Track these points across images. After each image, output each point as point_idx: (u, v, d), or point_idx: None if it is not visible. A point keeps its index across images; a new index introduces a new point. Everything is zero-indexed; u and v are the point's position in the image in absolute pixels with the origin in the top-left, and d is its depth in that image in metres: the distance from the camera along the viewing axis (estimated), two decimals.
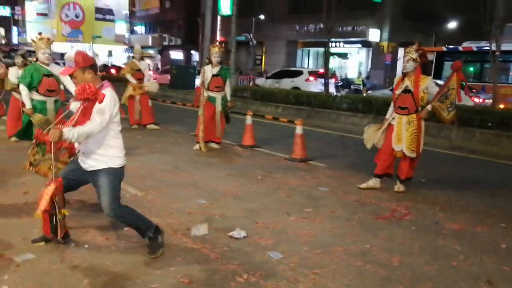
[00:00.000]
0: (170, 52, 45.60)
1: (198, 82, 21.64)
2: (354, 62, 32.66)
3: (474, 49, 17.38)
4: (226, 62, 16.47)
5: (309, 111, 13.58)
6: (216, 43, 8.74)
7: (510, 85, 16.47)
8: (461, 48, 18.04)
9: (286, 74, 22.27)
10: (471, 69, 18.36)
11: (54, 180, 3.45)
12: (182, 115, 13.73)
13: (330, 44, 19.17)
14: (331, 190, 5.82)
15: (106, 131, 3.40)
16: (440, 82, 10.94)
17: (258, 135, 8.93)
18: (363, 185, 5.93)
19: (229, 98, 8.37)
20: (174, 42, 45.46)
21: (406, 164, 5.76)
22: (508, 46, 14.09)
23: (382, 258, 3.79)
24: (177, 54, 45.43)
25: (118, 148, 3.51)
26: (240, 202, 5.17)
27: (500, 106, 12.88)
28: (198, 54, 37.33)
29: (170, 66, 27.87)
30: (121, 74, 11.70)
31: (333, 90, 20.92)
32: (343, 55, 32.98)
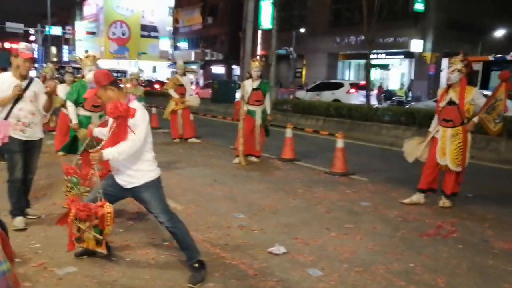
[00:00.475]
0: (212, 66, 46.32)
1: (238, 96, 21.78)
2: (396, 74, 32.01)
3: None
4: (267, 75, 16.52)
5: (350, 124, 13.39)
6: (256, 57, 8.79)
7: None
8: (509, 57, 17.30)
9: (327, 86, 22.13)
10: None
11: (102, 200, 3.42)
12: (222, 129, 13.83)
13: (372, 55, 18.92)
14: (373, 205, 5.66)
15: (143, 145, 3.40)
16: (487, 92, 10.51)
17: (297, 148, 8.85)
18: (407, 200, 5.74)
19: (269, 112, 8.36)
20: (216, 57, 46.13)
21: (451, 178, 5.53)
22: None
23: (426, 278, 3.63)
24: (218, 69, 46.06)
25: (151, 161, 3.50)
26: (279, 216, 5.11)
27: None
28: (239, 68, 37.74)
29: (212, 80, 28.30)
30: (164, 89, 11.95)
31: (374, 102, 20.58)
32: (385, 67, 32.42)
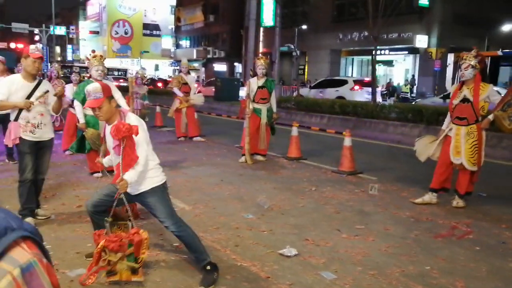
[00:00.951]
0: (214, 64, 46.25)
1: (242, 94, 21.68)
2: (400, 70, 31.85)
3: None
4: (270, 73, 16.42)
5: (355, 121, 13.27)
6: (261, 55, 8.70)
7: None
8: None
9: (330, 83, 21.97)
10: None
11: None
12: (227, 127, 13.75)
13: (375, 52, 18.76)
14: (383, 205, 5.55)
15: None
16: (495, 89, 10.37)
17: (303, 147, 8.75)
18: (418, 200, 5.62)
19: (274, 110, 8.28)
20: (218, 55, 46.11)
21: (465, 177, 5.39)
22: None
23: (444, 282, 3.52)
24: (220, 67, 45.98)
25: (155, 168, 3.50)
26: (288, 217, 5.02)
27: None
28: (241, 66, 37.65)
29: (215, 78, 28.20)
30: (168, 88, 11.89)
31: (379, 99, 20.44)
32: (389, 63, 32.24)
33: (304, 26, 31.99)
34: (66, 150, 8.50)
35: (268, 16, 29.61)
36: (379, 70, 31.11)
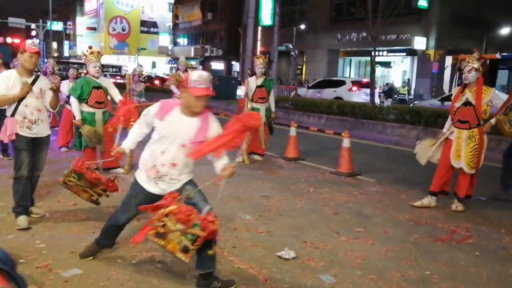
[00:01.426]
0: (212, 62, 46.17)
1: (240, 92, 21.59)
2: (397, 71, 31.87)
3: None
4: (268, 72, 16.35)
5: (353, 122, 13.23)
6: (259, 54, 8.64)
7: None
8: None
9: (328, 84, 21.94)
10: None
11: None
12: (225, 126, 13.65)
13: (373, 53, 18.72)
14: (382, 208, 5.50)
15: None
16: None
17: (301, 147, 8.69)
18: (417, 203, 5.57)
19: (273, 109, 8.23)
20: (215, 53, 46.01)
21: (465, 181, 5.35)
22: None
23: (444, 287, 3.48)
24: (218, 65, 45.92)
25: None
26: (286, 218, 4.96)
27: None
28: (239, 65, 37.55)
29: (213, 76, 28.12)
30: (165, 86, 11.82)
31: (377, 100, 20.42)
32: (386, 64, 32.25)
33: (302, 26, 31.94)
34: (62, 146, 8.45)
35: (266, 15, 29.58)
36: (377, 71, 31.14)
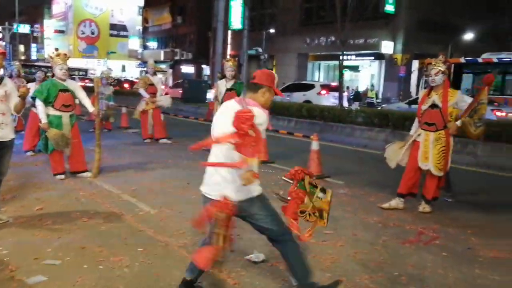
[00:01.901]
0: (182, 66, 45.91)
1: (210, 96, 21.43)
2: (366, 75, 32.39)
3: (495, 60, 16.67)
4: (238, 76, 16.37)
5: (322, 125, 13.32)
6: (230, 57, 8.62)
7: None
8: (480, 59, 17.31)
9: (298, 87, 22.09)
10: None
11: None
12: (194, 129, 13.59)
13: (342, 57, 18.98)
14: (351, 210, 5.53)
15: None
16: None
17: (270, 150, 8.66)
18: (386, 205, 5.62)
19: None
20: (185, 57, 45.79)
21: (433, 183, 5.43)
22: None
23: None
24: (188, 68, 45.69)
25: None
26: None
27: None
28: (209, 68, 37.44)
29: (183, 80, 27.94)
30: (134, 89, 11.69)
31: (345, 104, 20.70)
32: (355, 68, 32.74)
33: (272, 30, 32.11)
34: (28, 150, 8.23)
35: (236, 18, 29.57)
36: (345, 75, 31.59)
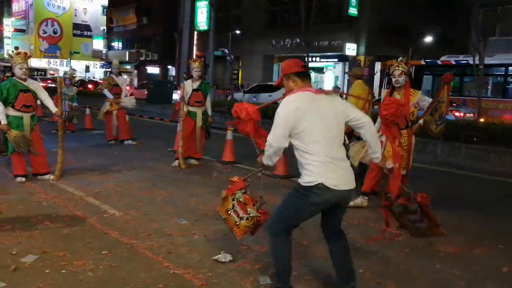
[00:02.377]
0: (147, 67, 45.37)
1: (175, 96, 21.25)
2: (330, 77, 32.83)
3: (453, 62, 17.45)
4: (204, 77, 16.31)
5: None
6: (196, 58, 8.59)
7: (490, 98, 16.65)
8: (439, 62, 18.03)
9: (264, 88, 22.19)
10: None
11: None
12: (159, 130, 13.48)
13: (307, 58, 19.19)
14: None
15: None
16: None
17: (237, 151, 8.68)
18: (350, 203, 5.70)
19: (209, 113, 8.20)
20: (151, 57, 45.25)
21: (396, 182, 5.55)
22: (490, 60, 14.35)
23: (376, 285, 3.58)
24: (153, 69, 45.21)
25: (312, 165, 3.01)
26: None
27: (480, 120, 12.93)
28: (174, 69, 37.07)
29: (147, 81, 27.61)
30: (98, 89, 11.49)
31: None
32: (320, 70, 33.12)
33: (238, 31, 32.12)
34: None
35: (202, 19, 29.39)
36: (311, 77, 31.93)
